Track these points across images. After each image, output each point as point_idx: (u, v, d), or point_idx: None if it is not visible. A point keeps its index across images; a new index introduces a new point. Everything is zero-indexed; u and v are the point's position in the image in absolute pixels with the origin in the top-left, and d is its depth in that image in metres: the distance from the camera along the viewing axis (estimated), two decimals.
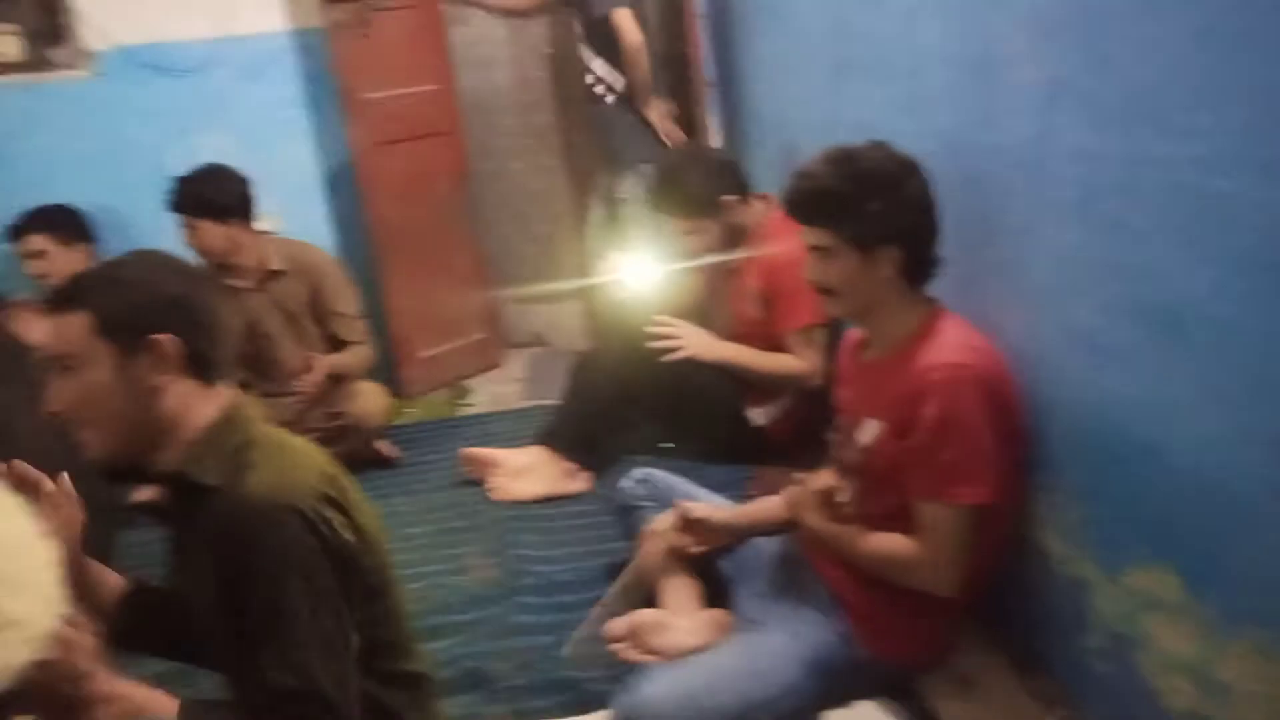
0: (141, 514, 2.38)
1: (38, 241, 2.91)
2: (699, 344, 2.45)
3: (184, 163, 2.79)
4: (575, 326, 3.87)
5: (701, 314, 2.62)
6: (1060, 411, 1.48)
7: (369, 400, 2.83)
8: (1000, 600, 1.66)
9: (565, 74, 3.83)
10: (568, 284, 3.76)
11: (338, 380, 2.80)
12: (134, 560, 2.22)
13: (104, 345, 1.14)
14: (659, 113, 3.36)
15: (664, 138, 3.36)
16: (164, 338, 1.14)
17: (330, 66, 3.22)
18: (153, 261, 1.22)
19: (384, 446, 2.91)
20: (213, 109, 3.27)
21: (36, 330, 2.70)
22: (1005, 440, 1.48)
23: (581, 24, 3.39)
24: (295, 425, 2.67)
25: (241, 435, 1.18)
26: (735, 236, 2.47)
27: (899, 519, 1.53)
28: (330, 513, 1.13)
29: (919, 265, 1.55)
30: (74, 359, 1.14)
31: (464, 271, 3.58)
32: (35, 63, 3.20)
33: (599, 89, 3.36)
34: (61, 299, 1.16)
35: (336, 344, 2.84)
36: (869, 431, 1.57)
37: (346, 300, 2.86)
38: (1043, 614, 1.59)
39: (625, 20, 3.20)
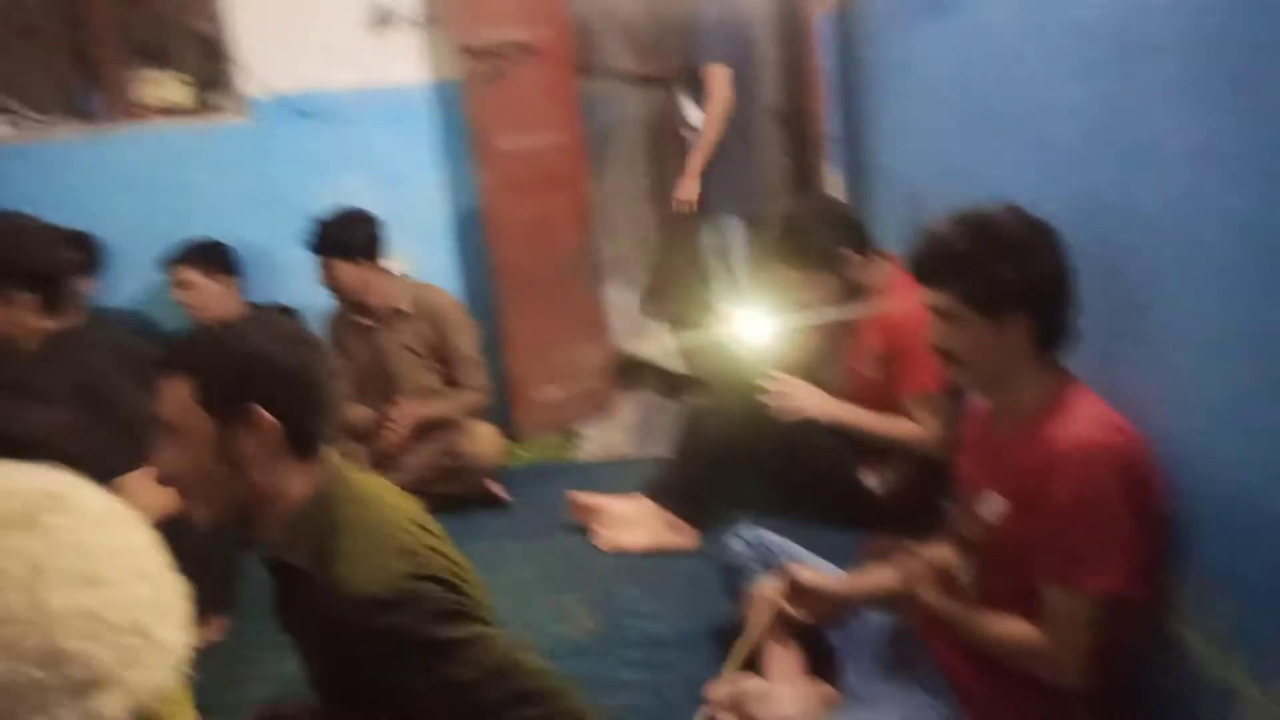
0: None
1: (186, 273, 3.10)
2: (813, 402, 2.39)
3: (326, 204, 2.95)
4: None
5: (816, 371, 2.56)
6: (1206, 497, 1.36)
7: (483, 440, 2.88)
8: (1130, 697, 1.53)
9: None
10: (683, 334, 3.76)
11: (435, 425, 2.86)
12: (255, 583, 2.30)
13: (203, 414, 1.13)
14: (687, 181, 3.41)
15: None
16: (260, 412, 1.13)
17: (465, 116, 3.35)
18: (261, 330, 1.20)
19: (495, 487, 2.95)
20: (354, 154, 3.45)
21: None
22: (1143, 525, 1.37)
23: (683, 72, 3.48)
24: (407, 469, 2.75)
25: (330, 517, 1.16)
26: (855, 293, 2.42)
27: (1021, 601, 1.44)
28: (420, 586, 1.12)
29: (1050, 334, 1.46)
30: (175, 425, 1.14)
31: (582, 318, 3.63)
32: (200, 107, 3.46)
33: (691, 137, 3.43)
34: (166, 363, 1.17)
35: (455, 384, 2.92)
36: (991, 506, 1.49)
37: (467, 344, 2.94)
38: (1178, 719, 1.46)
39: (717, 76, 3.26)
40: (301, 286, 3.06)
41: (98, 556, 0.65)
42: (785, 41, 3.71)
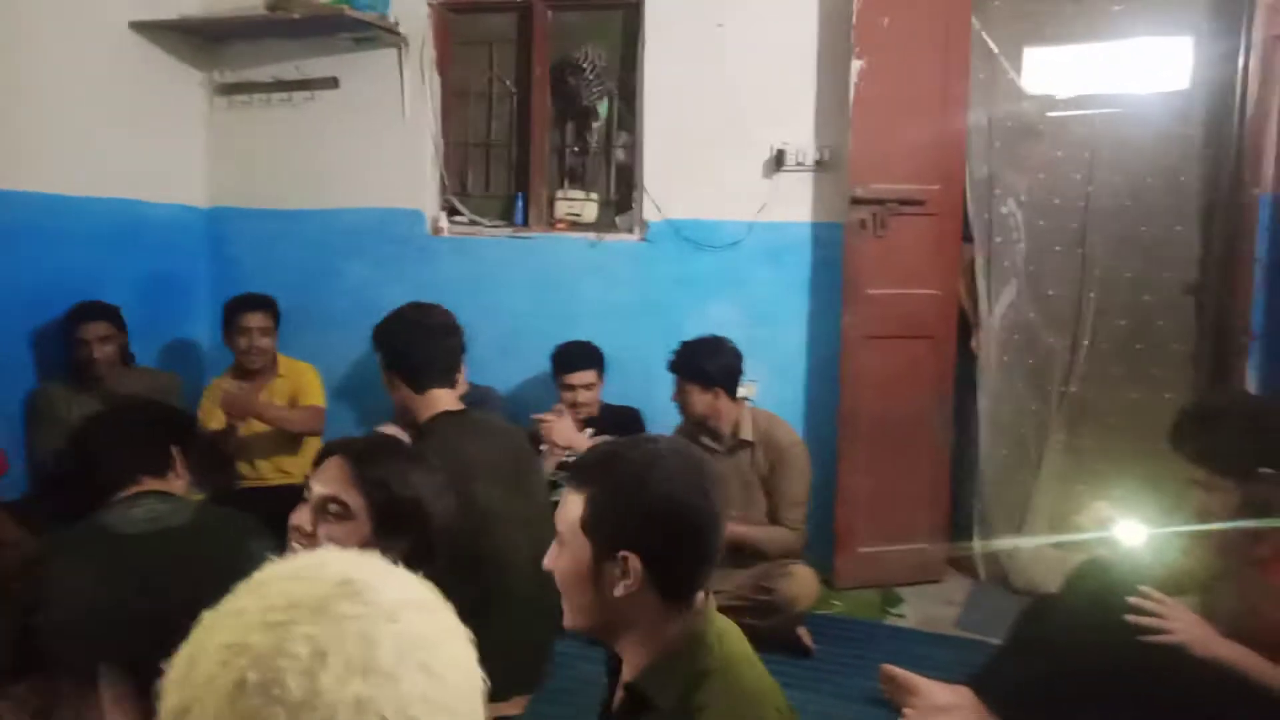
0: None
1: (578, 376, 3.39)
2: (1193, 633, 2.04)
3: (698, 322, 3.11)
4: (1042, 568, 3.49)
5: (1204, 596, 2.19)
6: None
7: (801, 583, 2.80)
8: None
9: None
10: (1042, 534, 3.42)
11: (752, 554, 2.82)
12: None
13: (585, 537, 1.16)
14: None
15: None
16: (633, 560, 1.14)
17: (842, 260, 3.40)
18: (666, 473, 1.17)
19: (804, 634, 2.85)
20: (730, 281, 3.63)
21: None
22: None
23: None
24: (721, 592, 2.73)
25: (700, 664, 1.15)
26: (1267, 515, 2.06)
27: None
28: None
29: None
30: (562, 534, 1.19)
31: (925, 477, 3.45)
32: (604, 225, 3.85)
33: None
34: (575, 473, 1.22)
35: (774, 519, 2.89)
36: None
37: (798, 486, 2.91)
38: None
39: None
40: (664, 395, 3.23)
41: (381, 646, 0.64)
42: (1212, 217, 3.36)
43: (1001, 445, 3.57)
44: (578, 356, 3.42)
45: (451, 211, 4.00)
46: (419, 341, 2.26)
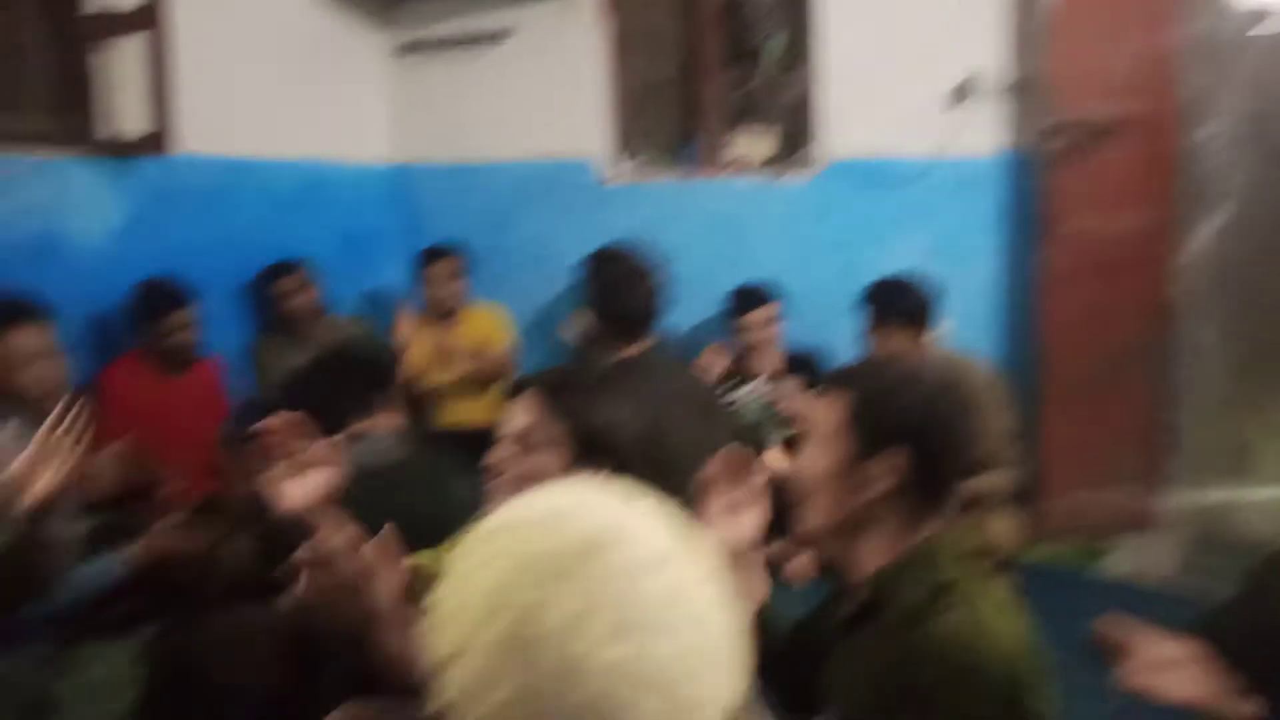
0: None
1: (756, 315, 3.34)
2: None
3: (875, 264, 3.00)
4: (1262, 516, 3.23)
5: None
6: None
7: (1001, 528, 2.69)
8: None
9: None
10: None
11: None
12: None
13: (848, 434, 1.17)
14: None
15: None
16: (900, 452, 1.14)
17: (1038, 191, 3.19)
18: (932, 380, 1.21)
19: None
20: (913, 219, 3.47)
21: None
22: None
23: None
24: None
25: (944, 574, 1.12)
26: None
27: None
28: (1018, 690, 1.05)
29: None
30: (820, 435, 1.19)
31: (1133, 418, 3.23)
32: (778, 164, 3.76)
33: None
34: (834, 378, 1.23)
35: None
36: None
37: (994, 423, 2.77)
38: None
39: None
40: (842, 340, 3.15)
41: (641, 604, 0.62)
42: None
43: (1215, 385, 3.29)
44: (755, 297, 3.37)
45: (623, 158, 4.00)
46: (628, 290, 2.25)
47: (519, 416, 1.49)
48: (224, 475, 3.14)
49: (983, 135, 3.36)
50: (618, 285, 2.24)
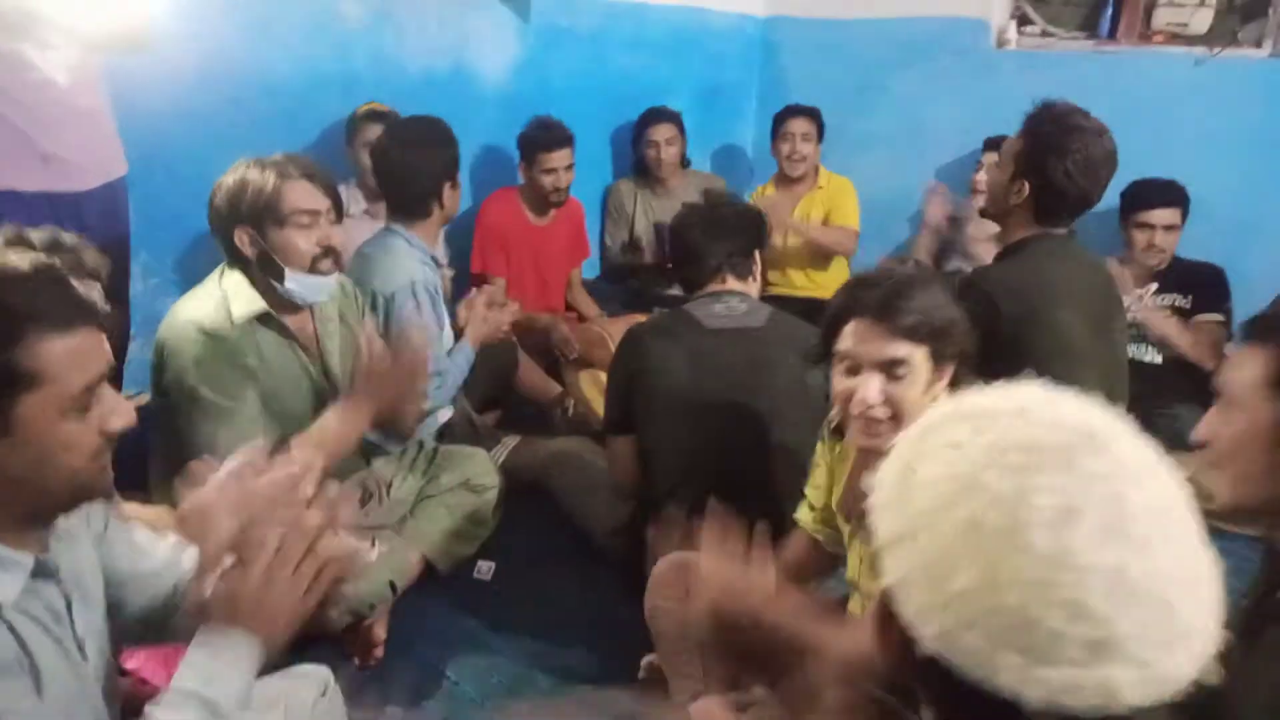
0: None
1: (1158, 214, 2.90)
2: None
3: None
4: None
5: None
6: None
7: None
8: None
9: None
10: None
11: None
12: None
13: (1268, 396, 1.02)
14: None
15: None
16: None
17: None
18: None
19: None
20: None
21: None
22: None
23: None
24: None
25: None
26: None
27: None
28: None
29: None
30: (1238, 398, 1.04)
31: None
32: (1219, 36, 3.16)
33: None
34: (1256, 327, 1.07)
35: None
36: None
37: None
38: None
39: None
40: (1260, 255, 2.66)
41: (1129, 511, 0.58)
42: None
43: None
44: (1158, 193, 2.90)
45: (1023, 21, 3.55)
46: (1096, 169, 1.96)
47: (879, 350, 1.34)
48: (576, 314, 3.34)
49: None
50: (1095, 163, 1.94)
